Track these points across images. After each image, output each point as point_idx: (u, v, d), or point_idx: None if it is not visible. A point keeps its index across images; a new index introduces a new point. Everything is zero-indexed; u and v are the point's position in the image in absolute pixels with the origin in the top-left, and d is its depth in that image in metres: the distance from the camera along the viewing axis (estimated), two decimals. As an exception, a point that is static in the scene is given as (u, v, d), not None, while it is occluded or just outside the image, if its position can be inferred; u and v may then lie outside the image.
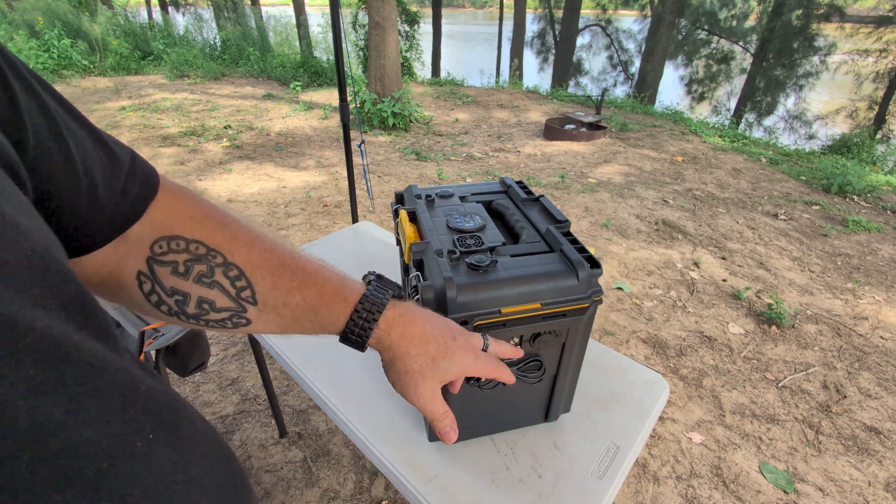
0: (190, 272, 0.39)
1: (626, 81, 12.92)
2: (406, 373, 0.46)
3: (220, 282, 0.40)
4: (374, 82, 5.60)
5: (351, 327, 0.44)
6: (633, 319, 2.40)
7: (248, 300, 0.41)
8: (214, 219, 0.41)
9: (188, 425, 0.27)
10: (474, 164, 4.56)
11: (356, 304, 0.44)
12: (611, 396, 0.86)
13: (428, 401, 0.47)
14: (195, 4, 14.33)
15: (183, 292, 0.39)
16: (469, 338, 0.50)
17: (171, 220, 0.39)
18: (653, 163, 4.77)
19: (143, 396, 0.24)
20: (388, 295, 0.46)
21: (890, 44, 9.26)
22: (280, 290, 0.41)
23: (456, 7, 61.16)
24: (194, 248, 0.39)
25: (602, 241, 3.15)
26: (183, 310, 0.39)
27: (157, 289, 0.39)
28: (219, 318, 0.41)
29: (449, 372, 0.47)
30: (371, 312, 0.44)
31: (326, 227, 3.22)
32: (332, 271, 0.45)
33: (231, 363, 2.03)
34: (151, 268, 0.38)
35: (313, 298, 0.43)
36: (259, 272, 0.41)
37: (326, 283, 0.44)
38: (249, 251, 0.41)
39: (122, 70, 8.04)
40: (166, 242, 0.38)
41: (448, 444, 0.50)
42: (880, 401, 1.96)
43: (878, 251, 3.19)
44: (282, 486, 1.52)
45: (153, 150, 4.61)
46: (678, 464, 1.66)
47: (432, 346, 0.46)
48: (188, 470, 0.25)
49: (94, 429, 0.20)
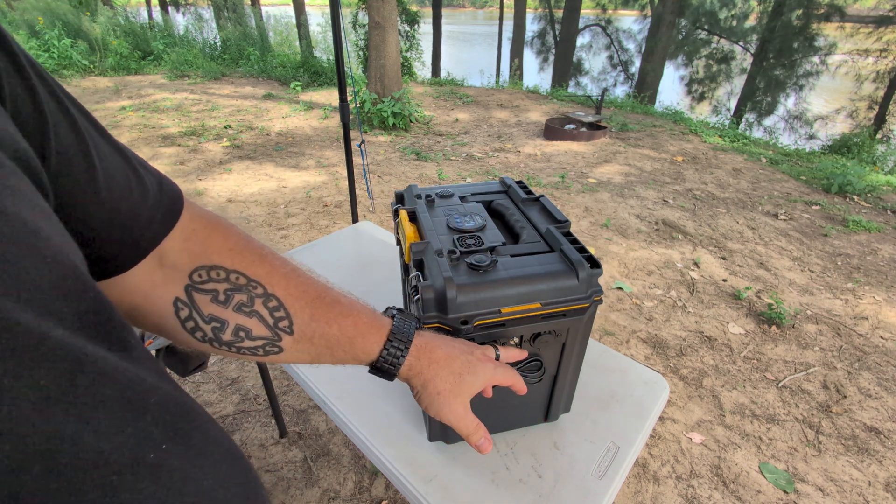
0: (230, 301, 0.40)
1: (626, 81, 12.92)
2: (439, 394, 0.48)
3: (259, 311, 0.41)
4: (374, 82, 5.60)
5: (384, 356, 0.46)
6: (633, 319, 2.40)
7: (285, 330, 0.42)
8: (253, 251, 0.42)
9: (201, 435, 0.27)
10: (474, 164, 4.56)
11: (388, 334, 0.46)
12: (611, 396, 0.86)
13: (461, 417, 0.50)
14: (195, 4, 14.33)
15: (221, 319, 0.40)
16: (485, 350, 0.53)
17: (210, 250, 0.40)
18: (653, 163, 4.77)
19: (155, 406, 0.24)
20: (413, 325, 0.48)
21: (890, 44, 9.25)
22: (319, 321, 0.43)
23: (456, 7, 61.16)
24: (235, 279, 0.40)
25: (602, 241, 3.15)
26: (218, 336, 0.40)
27: (195, 315, 0.39)
28: (252, 346, 0.42)
29: (475, 385, 0.50)
30: (402, 342, 0.46)
31: (326, 227, 3.22)
32: (363, 304, 0.48)
33: (231, 363, 2.03)
34: (190, 295, 0.39)
35: (350, 330, 0.45)
36: (298, 304, 0.42)
37: (361, 315, 0.46)
38: (288, 283, 0.42)
39: (122, 70, 8.04)
40: (206, 272, 0.39)
41: (484, 454, 0.56)
42: (880, 401, 1.96)
43: (878, 251, 3.19)
44: (282, 486, 1.52)
45: (153, 149, 4.61)
46: (678, 464, 1.66)
47: (456, 365, 0.49)
48: (200, 481, 0.25)
49: (105, 440, 0.20)
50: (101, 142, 0.32)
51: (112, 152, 0.33)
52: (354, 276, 1.18)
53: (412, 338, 0.47)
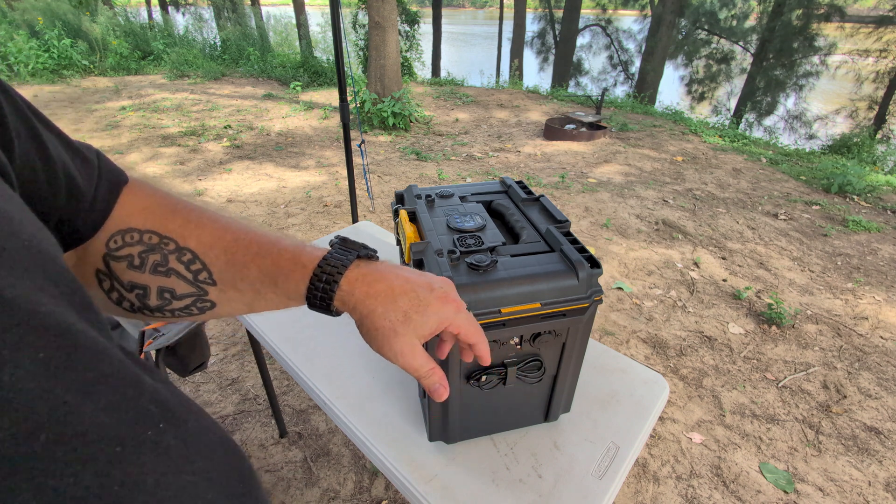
0: (145, 264, 0.39)
1: (626, 81, 12.91)
2: (376, 330, 0.43)
3: (175, 268, 0.39)
4: (374, 82, 5.60)
5: (312, 292, 0.41)
6: (633, 319, 2.40)
7: (205, 282, 0.40)
8: (166, 206, 0.41)
9: (195, 419, 0.27)
10: (474, 164, 4.56)
11: (314, 268, 0.41)
12: (611, 396, 0.86)
13: (407, 357, 0.43)
14: (195, 4, 14.33)
15: (142, 285, 0.39)
16: (451, 291, 0.46)
17: (126, 213, 0.39)
18: (653, 163, 4.77)
19: (152, 388, 0.24)
20: (350, 256, 0.43)
21: (890, 44, 9.25)
22: (235, 265, 0.40)
23: (456, 7, 61.15)
24: (147, 239, 0.39)
25: (602, 240, 3.15)
26: (145, 303, 0.39)
27: (117, 286, 0.39)
28: (182, 306, 0.41)
29: (425, 326, 0.43)
30: (331, 275, 0.41)
31: (326, 227, 3.22)
32: (291, 240, 0.43)
33: (231, 363, 2.03)
34: (108, 265, 0.38)
35: (269, 269, 0.41)
36: (212, 252, 0.40)
37: (283, 252, 0.42)
38: (200, 232, 0.40)
39: (122, 70, 8.04)
40: (121, 237, 0.38)
41: (439, 401, 0.46)
42: (880, 401, 1.96)
43: (878, 251, 3.19)
44: (282, 486, 1.52)
45: (153, 149, 4.61)
46: (678, 464, 1.66)
47: (403, 301, 0.42)
48: (195, 461, 0.25)
49: (105, 414, 0.21)
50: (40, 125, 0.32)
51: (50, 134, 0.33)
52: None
53: (345, 270, 0.42)
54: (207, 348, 1.33)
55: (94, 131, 5.08)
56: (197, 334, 1.26)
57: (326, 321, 1.03)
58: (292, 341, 0.98)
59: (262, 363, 1.43)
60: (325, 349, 0.96)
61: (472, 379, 0.66)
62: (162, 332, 1.20)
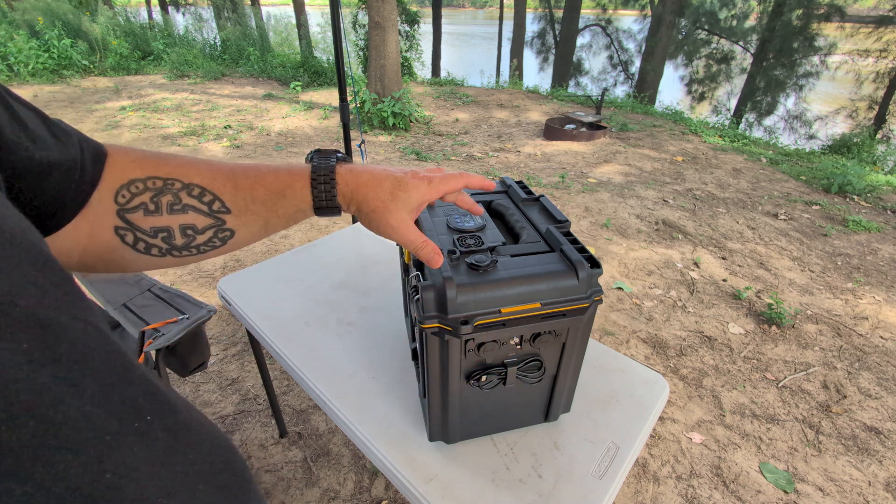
0: (160, 206, 0.41)
1: (626, 81, 12.91)
2: (373, 212, 0.50)
3: (190, 203, 0.42)
4: (374, 82, 5.60)
5: (318, 196, 0.47)
6: (633, 319, 2.40)
7: (220, 210, 0.43)
8: (154, 156, 0.43)
9: (185, 412, 0.27)
10: (474, 164, 4.56)
11: (310, 176, 0.47)
12: (611, 396, 0.86)
13: (402, 230, 0.51)
14: (195, 4, 14.34)
15: (165, 227, 0.41)
16: (417, 170, 0.53)
17: (119, 171, 0.41)
18: (653, 163, 4.77)
19: (139, 379, 0.24)
20: (332, 159, 0.49)
21: (890, 44, 9.25)
22: (243, 190, 0.44)
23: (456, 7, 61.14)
24: (152, 184, 0.41)
25: (602, 240, 3.15)
26: (172, 244, 0.42)
27: (140, 235, 0.40)
28: (206, 240, 0.43)
29: (410, 201, 0.51)
30: (326, 177, 0.47)
31: (326, 227, 3.22)
32: (279, 164, 0.49)
33: (231, 363, 2.03)
34: (124, 218, 0.40)
35: (274, 185, 0.46)
36: (217, 182, 0.43)
37: (278, 171, 0.47)
38: (199, 169, 0.43)
39: (122, 70, 8.04)
40: (126, 189, 0.40)
41: (435, 268, 0.55)
42: (880, 401, 1.96)
43: (878, 251, 3.19)
44: (282, 486, 1.52)
45: (153, 149, 4.61)
46: (678, 464, 1.66)
47: (387, 184, 0.49)
48: (186, 454, 0.25)
49: (93, 404, 0.21)
50: (16, 104, 0.33)
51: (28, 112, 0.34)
52: (354, 276, 1.18)
53: (334, 170, 0.48)
54: (207, 348, 1.33)
55: (94, 131, 5.08)
56: (197, 334, 1.26)
57: (327, 321, 1.03)
58: (292, 341, 0.98)
59: (262, 363, 1.43)
60: (325, 349, 0.96)
61: (472, 379, 0.66)
62: (162, 332, 1.20)
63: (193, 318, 1.21)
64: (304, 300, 1.10)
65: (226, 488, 0.28)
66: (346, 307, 1.08)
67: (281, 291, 1.13)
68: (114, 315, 1.31)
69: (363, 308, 1.08)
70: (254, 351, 1.42)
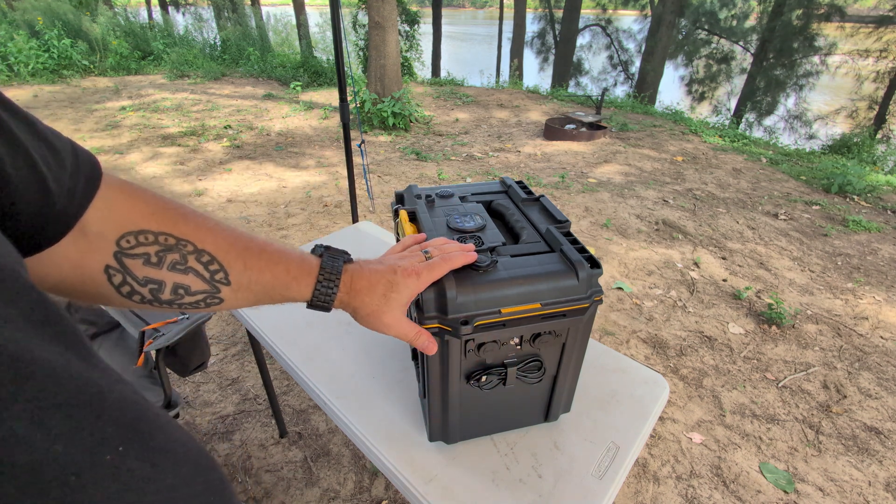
0: (163, 262, 0.41)
1: (626, 81, 12.91)
2: (369, 315, 0.54)
3: (194, 267, 0.42)
4: (374, 82, 5.60)
5: (317, 296, 0.50)
6: (633, 319, 2.40)
7: (221, 281, 0.44)
8: (175, 210, 0.43)
9: (161, 435, 0.26)
10: (474, 164, 4.56)
11: (318, 276, 0.50)
12: (611, 396, 0.86)
13: (396, 327, 0.55)
14: (195, 4, 14.34)
15: (157, 280, 0.41)
16: (406, 266, 0.56)
17: (133, 215, 0.40)
18: (653, 163, 4.77)
19: (111, 408, 0.23)
20: (340, 262, 0.52)
21: (890, 44, 9.25)
22: (251, 270, 0.46)
23: (456, 7, 61.13)
24: (164, 240, 0.41)
25: (602, 240, 3.15)
26: (157, 297, 0.42)
27: (130, 280, 0.40)
28: (193, 301, 0.44)
29: (401, 300, 0.54)
30: (331, 281, 0.51)
31: (326, 227, 3.22)
32: (289, 249, 0.51)
33: (231, 363, 2.03)
34: (121, 261, 0.39)
35: (283, 276, 0.48)
36: (229, 255, 0.44)
37: (290, 260, 0.49)
38: (216, 237, 0.44)
39: (122, 70, 8.04)
40: (134, 237, 0.40)
41: (430, 354, 0.59)
42: (880, 401, 1.96)
43: (878, 251, 3.19)
44: (282, 486, 1.52)
45: (153, 149, 4.61)
46: (678, 464, 1.66)
47: (380, 288, 0.53)
48: (162, 479, 0.25)
49: (60, 443, 0.20)
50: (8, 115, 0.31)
51: (14, 120, 0.32)
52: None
53: (340, 275, 0.51)
54: (207, 348, 1.33)
55: (94, 131, 5.08)
56: (197, 334, 1.26)
57: (327, 322, 1.03)
58: (292, 341, 0.98)
59: (262, 363, 1.43)
60: (325, 349, 0.96)
61: (472, 379, 0.66)
62: (162, 332, 1.20)
63: (193, 318, 1.21)
64: (304, 300, 1.10)
65: None
66: (346, 307, 1.08)
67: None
68: (113, 315, 1.31)
69: (363, 308, 1.08)
70: (254, 351, 1.42)
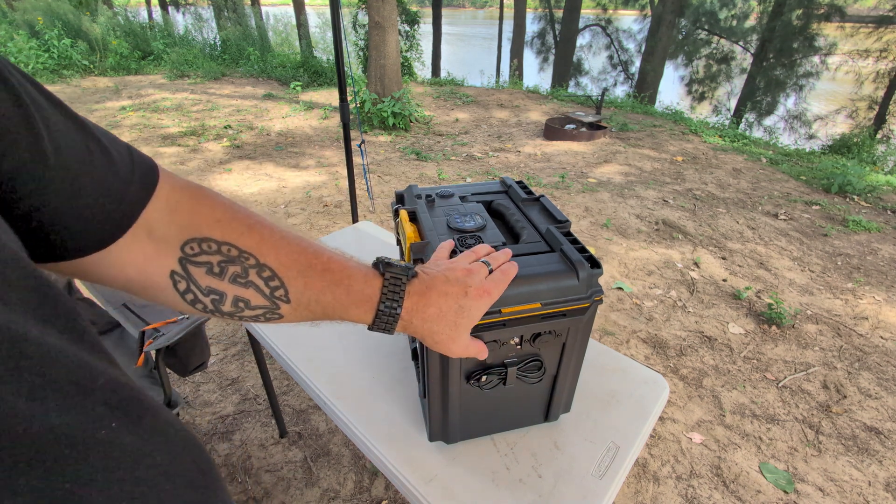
0: (225, 273, 0.40)
1: (626, 81, 12.91)
2: (437, 344, 0.52)
3: (254, 282, 0.42)
4: (374, 82, 5.60)
5: (378, 324, 0.48)
6: (633, 319, 2.40)
7: (281, 299, 0.43)
8: (242, 221, 0.42)
9: (151, 416, 0.27)
10: (474, 164, 4.56)
11: (378, 303, 0.48)
12: (611, 396, 0.86)
13: (464, 351, 0.54)
14: (195, 4, 14.33)
15: (219, 291, 0.41)
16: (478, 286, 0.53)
17: (198, 221, 0.40)
18: (653, 163, 4.77)
19: (103, 389, 0.24)
20: (402, 285, 0.49)
21: (890, 44, 9.25)
22: (312, 289, 0.44)
23: (456, 7, 61.11)
24: (226, 251, 0.40)
25: (602, 240, 3.15)
26: (219, 308, 0.41)
27: (193, 288, 0.40)
28: (253, 315, 0.43)
29: (471, 323, 0.53)
30: (393, 309, 0.48)
31: (326, 227, 3.22)
32: (354, 266, 0.48)
33: (231, 363, 2.03)
34: (185, 268, 0.39)
35: (343, 298, 0.46)
36: (290, 273, 0.43)
37: (352, 281, 0.47)
38: (279, 253, 0.43)
39: (122, 70, 8.04)
40: (197, 244, 0.39)
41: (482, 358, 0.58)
42: (880, 401, 1.96)
43: (878, 251, 3.19)
44: (282, 486, 1.52)
45: (153, 149, 4.61)
46: (678, 464, 1.66)
47: (450, 316, 0.51)
48: (153, 457, 0.26)
49: (55, 417, 0.21)
50: (53, 112, 0.31)
51: (66, 122, 0.32)
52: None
53: (402, 300, 0.48)
54: (207, 348, 1.33)
55: (94, 131, 5.07)
56: (197, 334, 1.26)
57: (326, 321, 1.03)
58: (292, 341, 0.98)
59: (262, 363, 1.43)
60: (325, 349, 0.96)
61: (472, 379, 0.66)
62: (162, 332, 1.20)
63: (194, 318, 1.21)
64: (304, 300, 1.10)
65: (194, 490, 0.28)
66: (346, 307, 1.08)
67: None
68: (114, 315, 1.31)
69: (363, 308, 1.08)
70: (254, 351, 1.42)
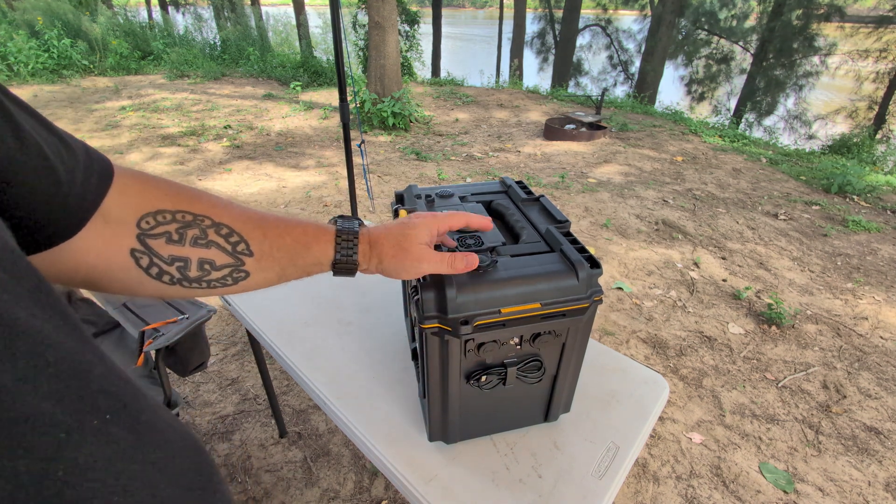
0: (184, 238, 0.41)
1: (626, 81, 12.91)
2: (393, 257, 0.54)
3: (215, 241, 0.43)
4: (374, 82, 5.60)
5: (339, 251, 0.51)
6: (633, 319, 2.40)
7: (244, 252, 0.45)
8: (188, 192, 0.44)
9: (150, 412, 0.27)
10: (474, 164, 4.56)
11: (335, 235, 0.51)
12: (611, 396, 0.86)
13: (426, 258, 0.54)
14: (195, 4, 14.33)
15: (183, 257, 0.42)
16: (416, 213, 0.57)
17: (149, 198, 0.41)
18: (653, 163, 4.77)
19: (98, 378, 0.24)
20: (356, 224, 0.53)
21: (890, 44, 9.25)
22: (270, 237, 0.46)
23: (456, 7, 61.10)
24: (181, 217, 0.41)
25: (602, 240, 3.15)
26: (185, 275, 0.42)
27: (156, 260, 0.41)
28: (220, 276, 0.44)
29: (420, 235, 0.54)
30: (350, 238, 0.51)
31: (326, 227, 3.22)
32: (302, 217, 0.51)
33: (231, 363, 2.03)
34: (144, 242, 0.40)
35: (301, 237, 0.49)
36: (247, 226, 0.45)
37: (306, 225, 0.50)
38: (231, 212, 0.45)
39: (122, 70, 8.04)
40: (152, 217, 0.40)
41: (473, 267, 0.58)
42: (880, 401, 1.96)
43: (878, 251, 3.19)
44: (282, 486, 1.52)
45: (153, 149, 4.61)
46: (678, 464, 1.66)
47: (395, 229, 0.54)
48: (149, 452, 0.25)
49: (48, 402, 0.20)
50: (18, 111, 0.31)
51: (32, 120, 0.33)
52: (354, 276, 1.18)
53: (358, 232, 0.52)
54: (207, 348, 1.33)
55: (93, 131, 5.08)
56: (197, 334, 1.26)
57: (327, 321, 1.03)
58: (292, 341, 0.98)
59: (262, 363, 1.43)
60: (325, 349, 0.96)
61: (472, 379, 0.66)
62: (162, 332, 1.20)
63: (193, 318, 1.21)
64: (303, 300, 1.10)
65: (191, 489, 0.27)
66: (346, 307, 1.08)
67: (281, 291, 1.13)
68: (114, 315, 1.31)
69: (363, 308, 1.08)
70: (254, 351, 1.42)
